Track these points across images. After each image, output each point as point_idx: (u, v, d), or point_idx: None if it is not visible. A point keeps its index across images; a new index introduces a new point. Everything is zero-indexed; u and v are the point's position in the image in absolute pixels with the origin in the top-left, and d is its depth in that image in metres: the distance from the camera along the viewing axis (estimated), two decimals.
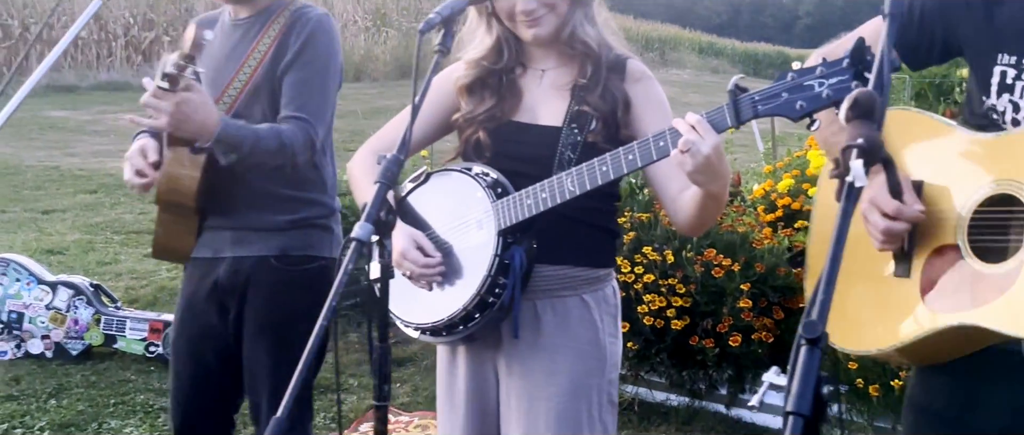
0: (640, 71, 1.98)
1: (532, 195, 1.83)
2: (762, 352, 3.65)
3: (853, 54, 1.45)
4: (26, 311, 4.23)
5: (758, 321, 3.64)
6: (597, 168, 1.77)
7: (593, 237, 1.98)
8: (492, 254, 1.85)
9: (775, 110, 1.55)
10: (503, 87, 1.99)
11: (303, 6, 2.39)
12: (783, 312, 3.69)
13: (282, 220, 2.38)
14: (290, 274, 2.39)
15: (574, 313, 1.97)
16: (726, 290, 3.65)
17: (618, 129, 1.93)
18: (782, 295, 3.70)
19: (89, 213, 6.85)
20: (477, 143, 1.97)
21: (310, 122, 2.27)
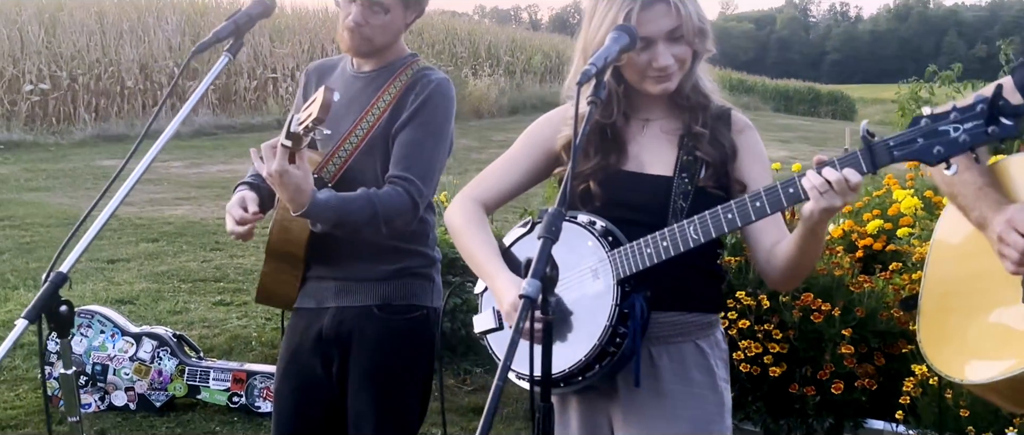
0: (744, 122, 2.02)
1: (652, 244, 1.82)
2: (865, 400, 3.56)
3: (991, 100, 1.46)
4: (111, 363, 4.23)
5: (860, 368, 3.55)
6: (722, 216, 1.76)
7: (703, 282, 1.98)
8: (612, 303, 1.84)
9: (911, 155, 1.56)
10: (608, 140, 1.99)
11: (426, 68, 2.43)
12: (884, 358, 3.61)
13: (385, 270, 2.40)
14: (393, 323, 2.40)
15: (690, 359, 1.96)
16: (825, 335, 3.58)
17: (727, 177, 1.95)
18: (883, 340, 3.61)
19: (154, 262, 6.89)
20: (586, 193, 1.97)
21: (416, 184, 2.29)
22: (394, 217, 2.26)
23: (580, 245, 1.89)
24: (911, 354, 3.51)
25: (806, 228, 1.73)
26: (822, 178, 1.62)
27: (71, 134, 14.90)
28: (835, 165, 1.62)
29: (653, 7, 1.87)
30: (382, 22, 2.32)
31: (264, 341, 5.14)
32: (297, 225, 2.32)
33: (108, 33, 17.17)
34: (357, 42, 2.35)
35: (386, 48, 2.39)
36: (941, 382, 3.33)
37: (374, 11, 2.30)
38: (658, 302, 1.88)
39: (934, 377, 3.35)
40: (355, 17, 2.31)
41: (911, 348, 3.51)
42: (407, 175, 2.29)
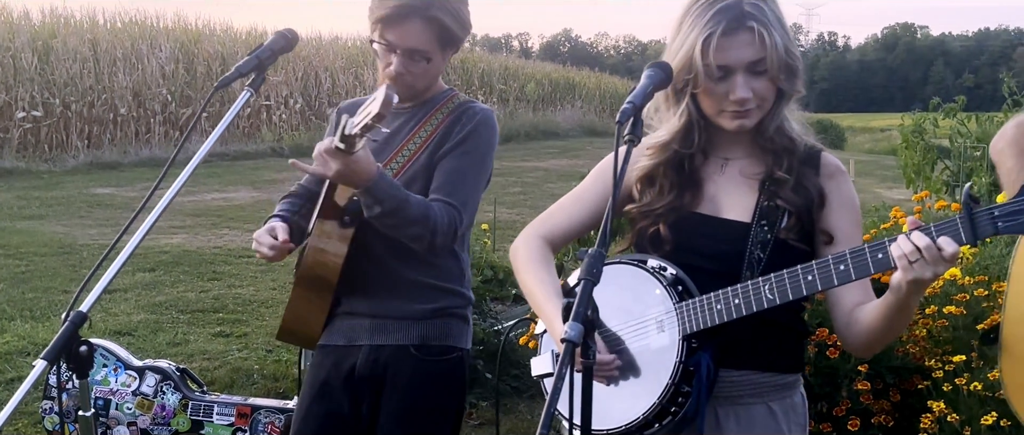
0: (834, 166, 1.88)
1: (723, 300, 1.71)
2: None
3: None
4: (113, 397, 4.15)
5: (876, 404, 3.52)
6: (801, 278, 1.64)
7: (782, 339, 1.85)
8: (676, 360, 1.73)
9: (1019, 228, 1.44)
10: (684, 177, 1.89)
11: (470, 100, 2.42)
12: (900, 394, 3.57)
13: (422, 309, 2.35)
14: (429, 365, 2.36)
15: (759, 422, 1.84)
16: (841, 371, 3.54)
17: (812, 226, 1.82)
18: (898, 376, 3.58)
19: (151, 292, 6.82)
20: (655, 236, 1.87)
21: (457, 209, 2.26)
22: (439, 231, 2.22)
23: (647, 293, 1.80)
24: (927, 390, 3.48)
25: (893, 299, 1.61)
26: (912, 245, 1.50)
27: (64, 162, 14.82)
28: (930, 232, 1.51)
29: (736, 34, 1.74)
30: (423, 70, 2.30)
31: (266, 374, 5.08)
32: (332, 250, 2.27)
33: (101, 60, 17.15)
34: (399, 90, 2.31)
35: (426, 90, 2.38)
36: (961, 419, 3.29)
37: (415, 60, 2.27)
38: (729, 358, 1.77)
39: (953, 414, 3.31)
40: (397, 68, 2.28)
41: (927, 384, 3.48)
42: (450, 200, 2.26)
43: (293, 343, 2.57)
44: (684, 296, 1.76)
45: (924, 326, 3.59)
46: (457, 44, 2.33)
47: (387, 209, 2.14)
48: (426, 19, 2.21)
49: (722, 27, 1.73)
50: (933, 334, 3.57)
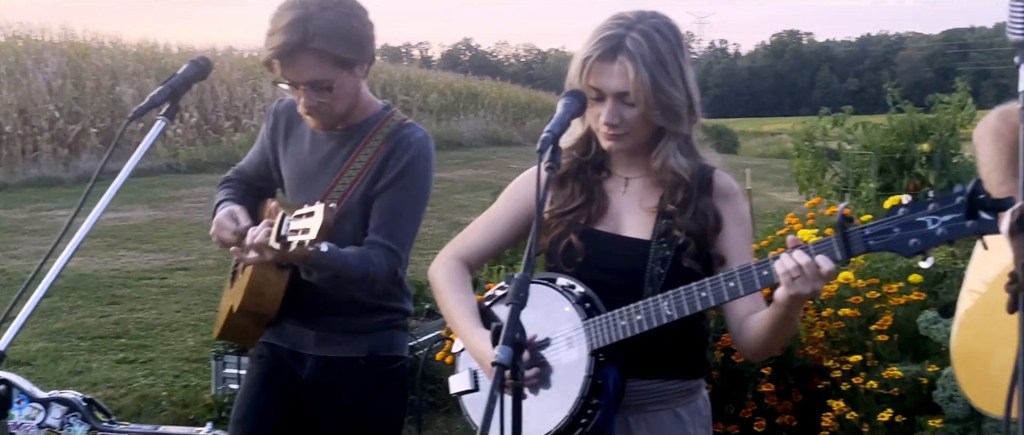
0: (728, 186, 1.96)
1: (627, 317, 1.80)
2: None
3: (970, 193, 1.45)
4: (17, 431, 3.99)
5: (780, 405, 3.69)
6: (696, 294, 1.75)
7: (684, 347, 1.94)
8: (585, 375, 1.81)
9: (887, 246, 1.54)
10: (591, 186, 1.98)
11: (404, 125, 2.36)
12: (802, 394, 3.75)
13: (368, 322, 2.39)
14: (377, 375, 2.39)
15: (667, 428, 1.94)
16: (746, 374, 3.70)
17: (707, 247, 1.92)
18: (799, 377, 3.76)
19: (49, 319, 6.56)
20: (568, 247, 1.95)
21: (397, 253, 2.29)
22: (379, 281, 2.26)
23: (557, 311, 1.88)
24: (827, 389, 3.67)
25: (776, 312, 1.73)
26: (794, 262, 1.61)
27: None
28: (809, 250, 1.61)
29: (609, 63, 1.84)
30: (334, 96, 2.24)
31: (175, 400, 4.97)
32: (271, 287, 2.28)
33: None
34: (321, 121, 2.31)
35: (352, 109, 2.33)
36: (860, 416, 3.49)
37: (320, 91, 2.22)
38: (635, 369, 1.86)
39: (852, 412, 3.51)
40: (306, 103, 2.25)
41: (826, 384, 3.67)
42: (389, 244, 2.27)
43: (233, 341, 2.57)
44: (592, 313, 1.86)
45: (821, 328, 3.79)
46: (362, 60, 2.26)
47: (325, 277, 2.17)
48: (312, 51, 2.16)
49: (598, 53, 1.84)
50: (830, 336, 3.77)
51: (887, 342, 3.64)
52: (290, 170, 2.44)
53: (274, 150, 2.48)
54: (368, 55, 2.28)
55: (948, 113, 7.44)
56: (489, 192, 1.95)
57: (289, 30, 2.15)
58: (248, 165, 2.57)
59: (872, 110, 15.96)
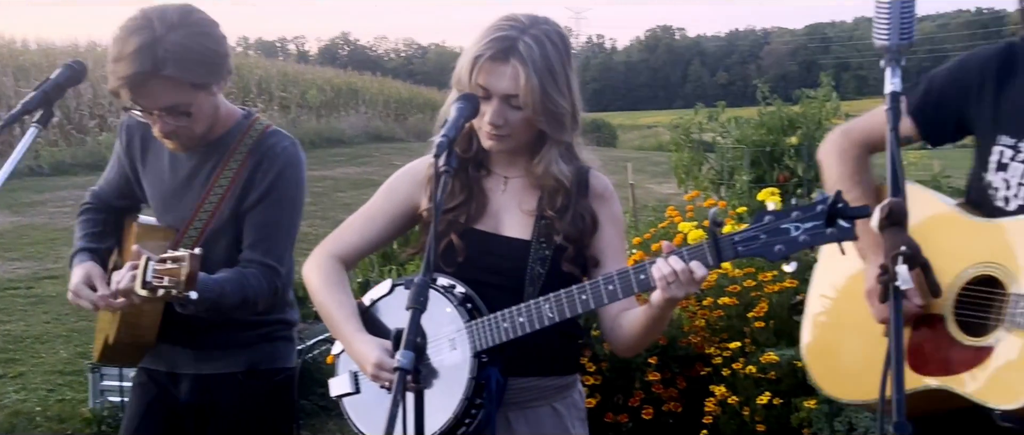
0: (603, 187, 2.01)
1: (509, 319, 1.84)
2: (672, 422, 3.83)
3: (831, 202, 1.54)
4: None
5: (666, 392, 3.82)
6: (577, 297, 1.80)
7: (560, 345, 1.98)
8: (469, 376, 1.85)
9: (755, 252, 1.61)
10: (471, 185, 1.99)
11: (269, 134, 2.27)
12: (686, 381, 3.90)
13: (247, 337, 2.33)
14: (257, 389, 2.34)
15: (547, 422, 1.99)
16: (633, 365, 3.82)
17: (585, 248, 1.97)
18: (683, 365, 3.91)
19: None
20: (449, 247, 1.96)
21: (275, 269, 2.23)
22: (260, 301, 2.20)
23: (439, 312, 1.89)
24: (709, 375, 3.83)
25: (651, 313, 1.79)
26: (670, 267, 1.67)
27: None
28: (684, 256, 1.68)
29: (500, 64, 1.86)
30: (193, 119, 2.14)
31: (50, 415, 4.73)
32: (147, 319, 2.20)
33: None
34: (180, 144, 2.20)
35: (213, 127, 2.23)
36: (740, 400, 3.65)
37: (177, 116, 2.12)
38: (515, 367, 1.90)
39: (733, 396, 3.67)
40: (162, 129, 2.14)
41: (709, 370, 3.83)
42: (266, 260, 2.20)
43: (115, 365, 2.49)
44: (474, 314, 1.88)
45: (703, 317, 3.95)
46: (219, 78, 2.16)
47: (201, 309, 2.07)
48: (164, 78, 2.03)
49: (490, 53, 1.85)
50: (711, 324, 3.93)
51: (763, 328, 3.82)
52: (153, 189, 2.33)
53: (133, 168, 2.36)
54: (225, 71, 2.17)
55: (814, 107, 7.85)
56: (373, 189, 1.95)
57: (137, 58, 2.02)
58: (107, 186, 2.44)
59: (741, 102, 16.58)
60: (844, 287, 1.97)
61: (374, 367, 1.88)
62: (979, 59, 1.90)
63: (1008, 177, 1.81)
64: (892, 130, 1.47)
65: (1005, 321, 1.68)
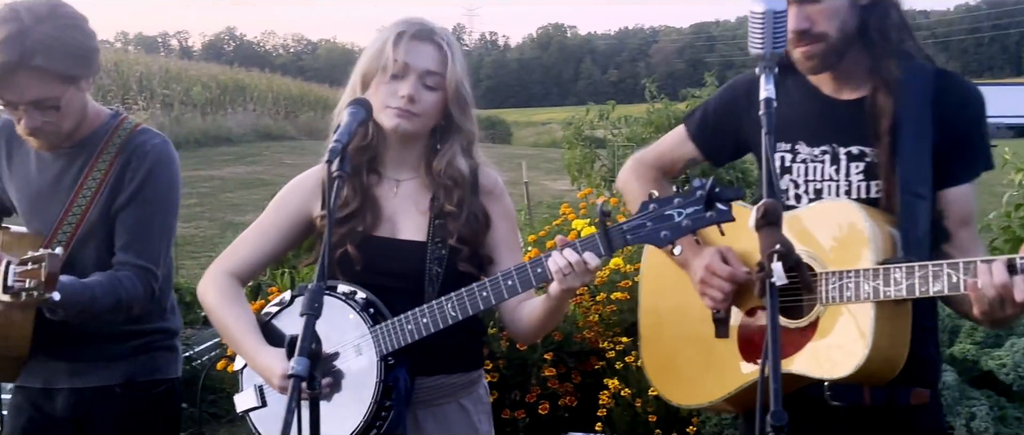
0: (493, 183, 2.05)
1: (412, 320, 1.87)
2: (568, 416, 3.89)
3: (709, 188, 1.63)
4: None
5: (561, 387, 3.88)
6: (478, 294, 1.84)
7: (465, 342, 2.03)
8: (376, 380, 1.87)
9: (643, 239, 1.69)
10: (363, 192, 2.00)
11: (138, 133, 2.22)
12: (581, 375, 3.97)
13: (123, 348, 2.26)
14: (136, 401, 2.27)
15: (454, 419, 2.03)
16: (529, 361, 3.87)
17: (479, 247, 2.02)
18: (578, 360, 3.98)
19: None
20: (345, 256, 1.97)
21: (150, 270, 2.17)
22: (135, 305, 2.13)
23: (342, 320, 1.90)
24: (603, 369, 3.91)
25: (549, 304, 1.85)
26: (565, 260, 1.73)
27: None
28: (577, 248, 1.74)
29: (424, 42, 1.93)
30: (61, 114, 2.08)
31: None
32: (16, 330, 2.10)
33: None
34: (46, 142, 2.13)
35: (79, 124, 2.16)
36: (632, 392, 3.74)
37: (44, 110, 2.06)
38: (422, 367, 1.93)
39: (626, 389, 3.76)
40: (29, 124, 2.07)
41: (602, 364, 3.91)
42: (140, 262, 2.14)
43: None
44: (377, 318, 1.90)
45: (596, 312, 4.03)
46: (89, 73, 2.12)
47: (72, 314, 2.00)
48: (33, 70, 1.99)
49: (414, 30, 1.93)
50: (604, 319, 4.01)
51: None
52: (20, 194, 2.25)
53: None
54: (94, 67, 2.13)
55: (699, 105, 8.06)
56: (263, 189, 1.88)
57: (4, 49, 1.96)
58: None
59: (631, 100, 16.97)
60: (671, 301, 2.09)
61: (281, 379, 1.88)
62: (743, 83, 2.07)
63: (795, 178, 1.97)
64: (767, 134, 1.54)
65: (821, 299, 1.80)
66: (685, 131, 2.17)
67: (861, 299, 1.74)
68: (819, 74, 1.93)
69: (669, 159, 2.18)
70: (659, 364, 2.13)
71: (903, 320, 1.77)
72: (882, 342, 1.73)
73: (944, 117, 1.86)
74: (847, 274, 1.76)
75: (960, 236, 1.88)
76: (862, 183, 1.90)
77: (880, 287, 1.71)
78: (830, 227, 1.83)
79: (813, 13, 1.84)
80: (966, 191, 1.89)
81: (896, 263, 1.72)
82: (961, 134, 1.87)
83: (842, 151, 1.92)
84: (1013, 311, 1.61)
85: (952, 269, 1.65)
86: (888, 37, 1.88)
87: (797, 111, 1.95)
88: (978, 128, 1.91)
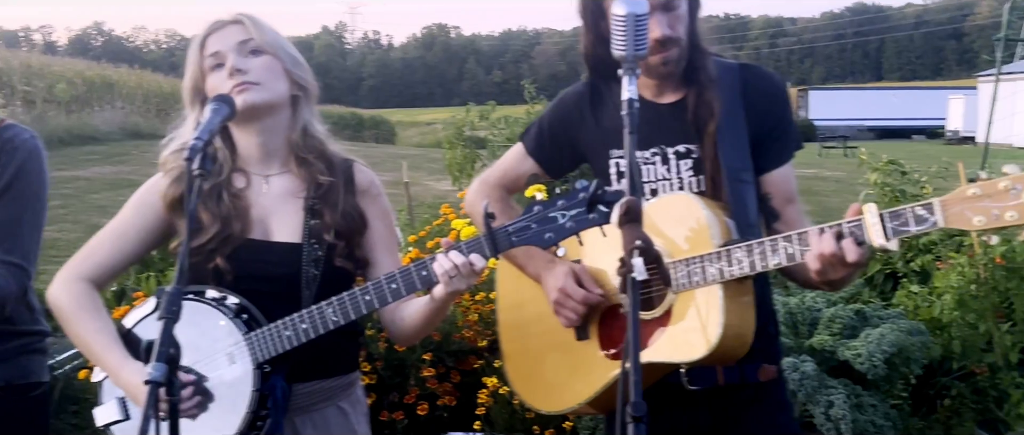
0: (368, 182, 2.03)
1: (291, 326, 1.82)
2: (446, 415, 3.89)
3: (591, 191, 1.67)
4: None
5: (440, 387, 3.87)
6: (360, 299, 1.81)
7: (342, 345, 2.00)
8: (252, 389, 1.82)
9: (528, 241, 1.70)
10: (224, 209, 1.92)
11: (5, 128, 2.15)
12: (460, 375, 3.97)
13: (3, 350, 2.16)
14: (15, 405, 2.19)
15: (333, 423, 2.00)
16: (408, 362, 3.84)
17: (356, 247, 1.99)
18: (458, 359, 3.98)
19: None
20: (215, 270, 1.90)
21: (23, 268, 2.09)
22: (8, 302, 2.05)
23: (212, 326, 1.83)
24: (482, 368, 3.92)
25: (433, 306, 1.84)
26: (451, 263, 1.72)
27: None
28: (463, 250, 1.73)
29: (223, 28, 1.91)
30: None
31: None
32: None
33: None
34: None
35: None
36: (510, 390, 3.76)
37: None
38: (298, 373, 1.88)
39: (504, 387, 3.78)
40: None
41: (481, 363, 3.92)
42: (10, 259, 2.05)
43: None
44: (251, 325, 1.85)
45: (476, 311, 4.03)
46: None
47: None
48: None
49: (208, 28, 1.92)
50: (484, 318, 4.02)
51: None
52: None
53: None
54: None
55: None
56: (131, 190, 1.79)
57: None
58: None
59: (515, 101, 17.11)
60: (530, 312, 2.13)
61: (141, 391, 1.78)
62: (572, 97, 2.15)
63: None
64: (629, 133, 1.59)
65: (672, 287, 1.89)
66: (523, 148, 2.22)
67: (708, 281, 1.82)
68: (666, 79, 2.00)
69: (512, 177, 2.25)
70: (525, 376, 2.16)
71: (748, 297, 1.87)
72: (733, 320, 1.82)
73: (755, 107, 1.99)
74: (693, 260, 1.84)
75: (787, 212, 2.01)
76: (692, 178, 2.00)
77: (724, 268, 1.80)
78: (673, 219, 1.92)
79: (673, 20, 1.92)
80: (785, 171, 2.02)
81: (734, 244, 1.81)
82: (773, 121, 2.01)
83: (670, 151, 2.01)
84: (846, 272, 1.72)
85: (787, 242, 1.75)
86: (702, 40, 1.99)
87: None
88: (786, 113, 2.06)
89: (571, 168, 2.25)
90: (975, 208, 1.58)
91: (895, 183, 4.91)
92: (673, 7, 1.91)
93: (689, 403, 1.98)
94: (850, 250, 1.68)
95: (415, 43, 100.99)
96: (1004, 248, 4.01)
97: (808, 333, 3.87)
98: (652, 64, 1.94)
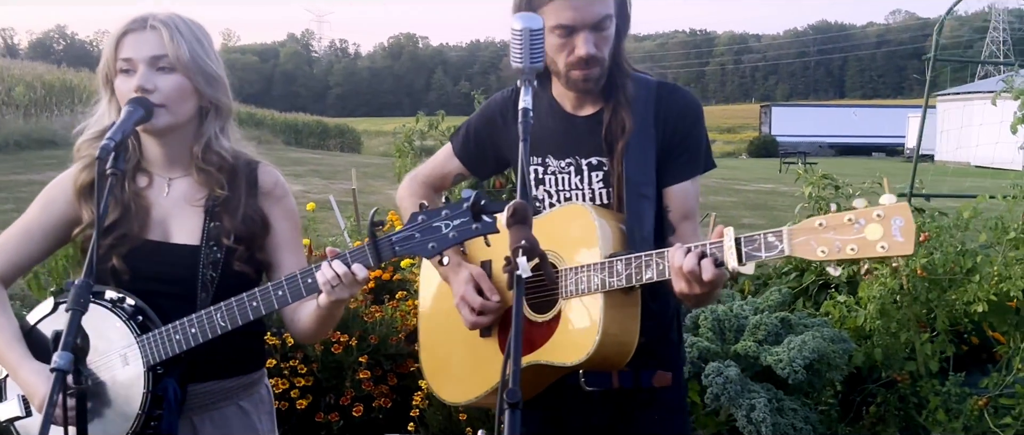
0: (273, 182, 2.01)
1: (181, 330, 1.84)
2: (382, 417, 3.95)
3: (474, 202, 1.66)
4: None
5: (376, 389, 3.94)
6: (247, 304, 1.82)
7: (241, 345, 1.99)
8: (143, 392, 1.83)
9: (412, 251, 1.70)
10: (127, 198, 1.93)
11: None
12: (396, 377, 4.04)
13: None
14: None
15: (233, 421, 2.01)
16: (345, 364, 3.91)
17: (257, 250, 1.98)
18: (394, 362, 4.05)
19: None
20: (112, 270, 1.91)
21: None
22: None
23: (108, 327, 1.85)
24: (418, 371, 3.98)
25: (321, 313, 1.85)
26: (333, 272, 1.74)
27: None
28: (347, 259, 1.75)
29: (141, 32, 1.87)
30: None
31: None
32: None
33: None
34: None
35: None
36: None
37: None
38: (196, 374, 1.90)
39: None
40: None
41: (417, 366, 3.99)
42: None
43: None
44: (145, 327, 1.86)
45: (414, 315, 4.11)
46: None
47: None
48: None
49: (128, 25, 1.88)
50: None
51: None
52: None
53: None
54: None
55: None
56: None
57: None
58: None
59: None
60: (443, 305, 2.21)
61: (42, 398, 1.83)
62: (498, 103, 2.23)
63: (548, 188, 2.14)
64: (523, 141, 1.67)
65: (561, 294, 1.97)
66: (450, 148, 2.31)
67: (591, 291, 1.90)
68: (586, 94, 2.07)
69: (439, 175, 2.33)
70: (435, 366, 2.24)
71: (632, 308, 1.93)
72: (612, 329, 1.89)
73: (665, 123, 2.06)
74: (581, 269, 1.92)
75: (682, 228, 2.08)
76: (602, 190, 2.08)
77: (606, 278, 1.87)
78: (567, 228, 2.00)
79: (600, 40, 1.98)
80: (686, 188, 2.08)
81: (619, 256, 1.88)
82: (680, 137, 2.07)
83: (584, 162, 2.09)
84: (702, 290, 1.77)
85: (659, 258, 1.82)
86: (624, 58, 2.06)
87: (546, 128, 2.11)
88: (695, 131, 2.09)
89: (496, 170, 2.34)
90: (820, 239, 1.61)
91: (828, 196, 5.05)
92: (602, 28, 1.97)
93: (586, 403, 2.08)
94: (707, 269, 1.73)
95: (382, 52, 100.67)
96: (925, 260, 4.15)
97: (734, 339, 3.99)
98: (574, 78, 2.01)
